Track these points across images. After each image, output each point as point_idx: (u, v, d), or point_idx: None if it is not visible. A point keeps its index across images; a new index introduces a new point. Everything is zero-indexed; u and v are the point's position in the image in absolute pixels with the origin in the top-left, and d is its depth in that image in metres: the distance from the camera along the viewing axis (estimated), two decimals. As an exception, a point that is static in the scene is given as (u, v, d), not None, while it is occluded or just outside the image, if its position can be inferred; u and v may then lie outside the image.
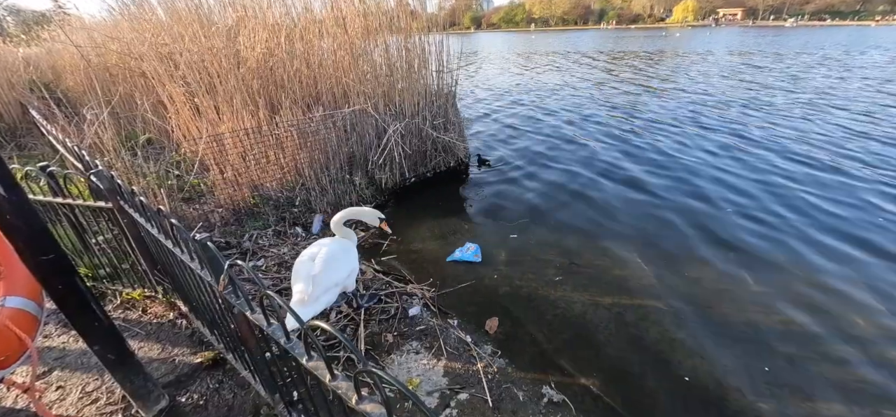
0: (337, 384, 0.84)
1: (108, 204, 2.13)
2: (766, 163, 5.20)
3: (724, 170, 5.06)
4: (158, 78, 3.79)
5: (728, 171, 5.00)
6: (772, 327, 2.58)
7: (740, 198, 4.30)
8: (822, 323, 2.60)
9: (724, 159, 5.42)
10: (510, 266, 3.28)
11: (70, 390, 2.05)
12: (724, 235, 3.61)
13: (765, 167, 5.09)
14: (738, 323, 2.61)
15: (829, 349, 2.42)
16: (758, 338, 2.49)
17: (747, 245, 3.46)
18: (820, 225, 3.73)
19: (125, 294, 2.70)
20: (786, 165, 5.13)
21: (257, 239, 3.52)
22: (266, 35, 4.07)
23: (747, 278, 3.03)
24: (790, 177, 4.75)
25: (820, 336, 2.51)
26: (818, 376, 2.25)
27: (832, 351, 2.40)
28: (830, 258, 3.25)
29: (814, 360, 2.34)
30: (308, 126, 3.85)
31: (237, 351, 1.90)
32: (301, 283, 1.87)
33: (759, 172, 4.93)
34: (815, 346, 2.44)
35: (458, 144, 4.87)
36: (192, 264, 1.35)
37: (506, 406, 2.00)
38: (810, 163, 5.19)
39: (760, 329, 2.57)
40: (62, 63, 8.24)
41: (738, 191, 4.44)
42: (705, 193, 4.43)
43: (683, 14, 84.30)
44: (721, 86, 10.85)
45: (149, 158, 4.08)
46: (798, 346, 2.43)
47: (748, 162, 5.29)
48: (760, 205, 4.14)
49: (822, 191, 4.36)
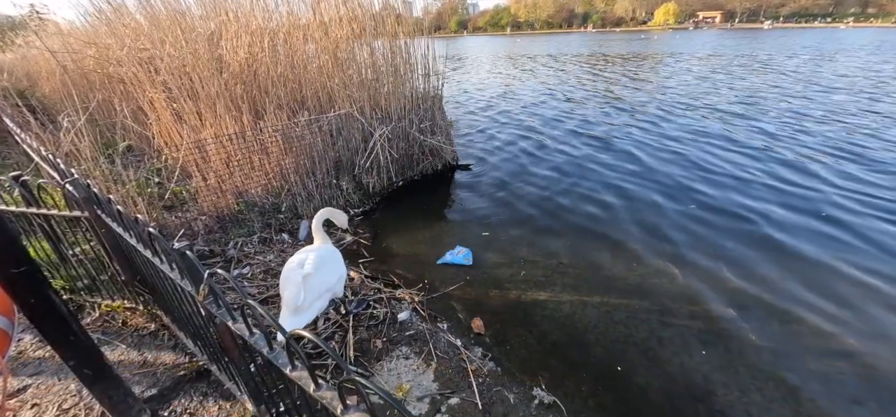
0: (322, 393, 0.82)
1: (84, 213, 2.07)
2: (745, 159, 5.33)
3: (711, 169, 5.17)
4: (138, 83, 3.70)
5: (715, 170, 5.10)
6: (756, 323, 2.63)
7: (734, 195, 4.39)
8: (808, 316, 2.66)
9: (703, 155, 5.53)
10: (499, 268, 3.28)
11: (46, 407, 1.98)
12: (710, 235, 3.67)
13: (744, 162, 5.21)
14: (724, 320, 2.66)
15: (818, 342, 2.47)
16: (743, 335, 2.53)
17: (734, 243, 3.52)
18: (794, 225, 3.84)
19: (104, 306, 2.61)
20: (768, 166, 5.26)
21: (242, 247, 3.46)
22: (249, 40, 4.01)
23: (730, 276, 3.09)
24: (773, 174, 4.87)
25: (803, 328, 2.57)
26: (806, 370, 2.29)
27: (823, 341, 2.46)
28: (804, 241, 3.34)
29: (798, 355, 2.39)
30: (293, 131, 3.80)
31: (221, 363, 1.86)
32: (292, 290, 1.84)
33: (742, 167, 5.05)
34: (802, 340, 2.49)
35: (446, 147, 4.87)
36: (172, 274, 1.31)
37: (497, 409, 1.99)
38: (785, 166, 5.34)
39: (745, 325, 2.61)
40: (37, 69, 8.01)
41: (729, 188, 4.54)
42: (691, 192, 4.51)
43: (665, 17, 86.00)
44: (688, 88, 11.15)
45: (128, 166, 3.97)
46: (784, 342, 2.48)
47: (730, 158, 5.41)
48: (747, 204, 4.23)
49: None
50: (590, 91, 11.28)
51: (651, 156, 5.64)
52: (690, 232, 3.69)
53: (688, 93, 10.34)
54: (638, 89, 11.18)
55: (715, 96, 9.77)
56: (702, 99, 9.50)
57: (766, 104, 8.66)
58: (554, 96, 10.70)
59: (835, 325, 2.58)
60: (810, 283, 2.96)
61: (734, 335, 2.53)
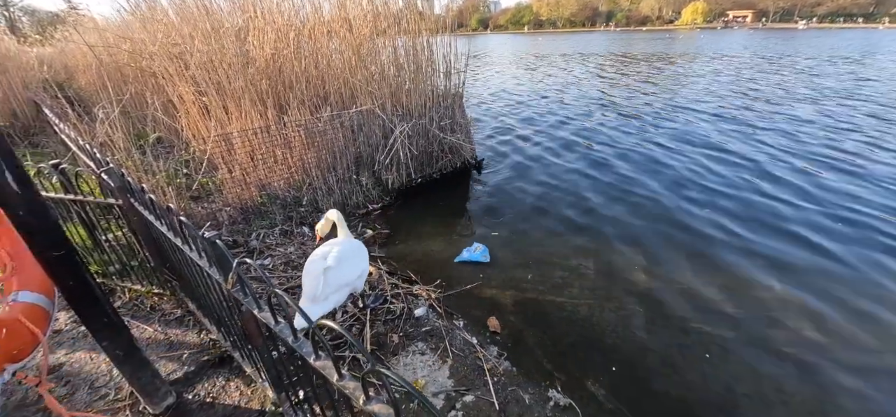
0: (344, 383, 0.83)
1: (118, 201, 2.16)
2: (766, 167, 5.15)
3: (734, 175, 5.01)
4: (169, 77, 3.83)
5: (740, 177, 4.95)
6: (784, 335, 2.54)
7: (762, 199, 4.25)
8: (841, 330, 2.55)
9: (731, 165, 5.37)
10: (516, 268, 3.26)
11: (79, 385, 2.07)
12: (736, 242, 3.56)
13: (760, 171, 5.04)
14: (751, 332, 2.58)
15: (843, 357, 2.38)
16: (770, 346, 2.45)
17: (760, 250, 3.41)
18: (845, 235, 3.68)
19: (134, 291, 2.72)
20: (792, 175, 5.06)
21: (264, 238, 3.54)
22: (274, 36, 4.10)
23: (761, 289, 2.99)
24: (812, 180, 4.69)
25: (835, 342, 2.47)
26: (836, 385, 2.21)
27: (847, 358, 2.36)
28: (840, 262, 3.20)
29: (829, 370, 2.30)
30: (315, 126, 3.87)
31: (244, 350, 1.91)
32: (312, 281, 1.87)
33: (756, 175, 4.88)
34: (835, 354, 2.40)
35: (465, 145, 4.87)
36: (201, 262, 1.35)
37: (512, 409, 1.98)
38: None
39: (773, 336, 2.53)
40: (75, 63, 8.38)
41: (756, 192, 4.40)
42: (714, 199, 4.39)
43: (692, 16, 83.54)
44: (720, 91, 10.80)
45: (158, 157, 4.12)
46: (815, 354, 2.39)
47: (748, 165, 5.23)
48: (775, 208, 4.09)
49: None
50: (611, 92, 11.08)
51: (676, 163, 5.49)
52: (716, 242, 3.57)
53: (711, 93, 10.04)
54: (660, 93, 10.90)
55: (737, 101, 9.45)
56: (727, 100, 9.21)
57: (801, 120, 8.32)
58: (575, 96, 10.56)
59: (874, 338, 2.48)
60: (848, 295, 2.84)
61: (761, 347, 2.45)
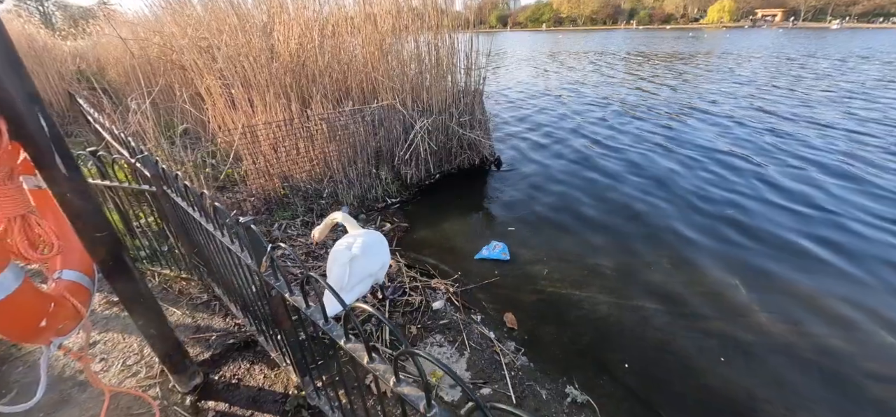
0: (375, 366, 0.86)
1: (151, 187, 2.24)
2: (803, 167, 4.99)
3: (754, 177, 4.88)
4: (198, 70, 3.94)
5: (759, 179, 4.82)
6: (810, 342, 2.48)
7: (779, 199, 4.14)
8: (865, 340, 2.48)
9: (758, 168, 5.22)
10: (533, 265, 3.26)
11: (112, 362, 2.17)
12: (760, 245, 3.48)
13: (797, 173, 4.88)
14: (773, 336, 2.52)
15: (872, 368, 2.30)
16: (794, 353, 2.39)
17: (786, 255, 3.32)
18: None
19: (163, 275, 2.83)
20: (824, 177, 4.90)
21: (286, 229, 3.62)
22: (299, 30, 4.17)
23: (786, 288, 2.92)
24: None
25: (859, 352, 2.39)
26: (862, 396, 2.14)
27: (866, 360, 2.29)
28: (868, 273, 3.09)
29: (855, 379, 2.24)
30: (338, 120, 3.93)
31: (268, 334, 1.97)
32: (338, 270, 1.91)
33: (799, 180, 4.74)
34: (851, 363, 2.33)
35: (484, 142, 4.87)
36: (233, 246, 1.40)
37: (529, 403, 1.99)
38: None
39: (798, 343, 2.47)
40: (106, 56, 8.68)
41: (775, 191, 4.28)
42: (739, 201, 4.28)
43: (719, 14, 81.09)
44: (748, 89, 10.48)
45: (186, 147, 4.25)
46: (842, 363, 2.32)
47: (790, 172, 5.08)
48: (796, 214, 3.97)
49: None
50: (632, 92, 10.88)
51: (698, 165, 5.36)
52: (739, 245, 3.49)
53: (732, 95, 9.77)
54: (680, 93, 10.65)
55: (762, 102, 9.17)
56: (750, 101, 8.95)
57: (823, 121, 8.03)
58: (594, 96, 10.41)
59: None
60: (878, 304, 2.75)
61: (785, 353, 2.40)
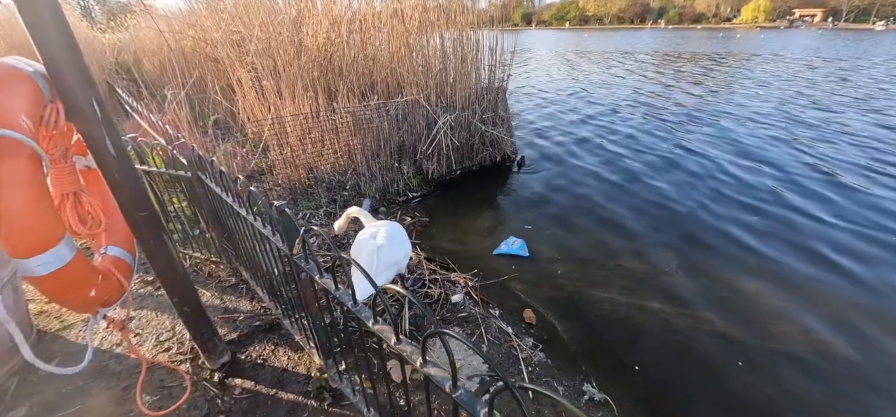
0: (401, 347, 0.89)
1: (187, 173, 2.35)
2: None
3: (782, 181, 4.71)
4: (230, 62, 4.08)
5: (786, 183, 4.65)
6: (841, 355, 2.39)
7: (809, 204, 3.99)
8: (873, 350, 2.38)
9: (792, 170, 5.04)
10: (553, 262, 3.25)
11: (146, 337, 2.29)
12: (783, 254, 3.37)
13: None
14: (799, 346, 2.45)
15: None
16: (823, 365, 2.32)
17: (820, 267, 3.21)
18: None
19: (194, 257, 2.95)
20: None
21: (310, 219, 3.72)
22: (328, 25, 4.26)
23: (818, 299, 2.82)
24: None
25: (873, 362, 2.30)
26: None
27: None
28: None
29: (884, 392, 2.15)
30: (363, 113, 4.00)
31: (294, 317, 2.04)
32: (365, 258, 1.96)
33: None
34: (884, 382, 2.24)
35: (506, 139, 4.87)
36: (265, 230, 1.47)
37: (545, 399, 2.00)
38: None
39: (828, 354, 2.39)
40: (142, 48, 9.05)
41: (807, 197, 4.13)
42: (770, 208, 4.15)
43: (753, 14, 77.93)
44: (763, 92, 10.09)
45: (216, 137, 4.41)
46: (873, 375, 2.24)
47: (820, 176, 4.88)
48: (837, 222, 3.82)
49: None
50: (656, 91, 10.63)
51: (726, 171, 5.20)
52: (767, 255, 3.38)
53: (765, 98, 9.41)
54: (710, 95, 10.34)
55: (792, 105, 8.81)
56: (783, 107, 8.61)
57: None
58: (619, 96, 10.22)
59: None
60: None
61: (811, 361, 2.33)
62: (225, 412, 1.79)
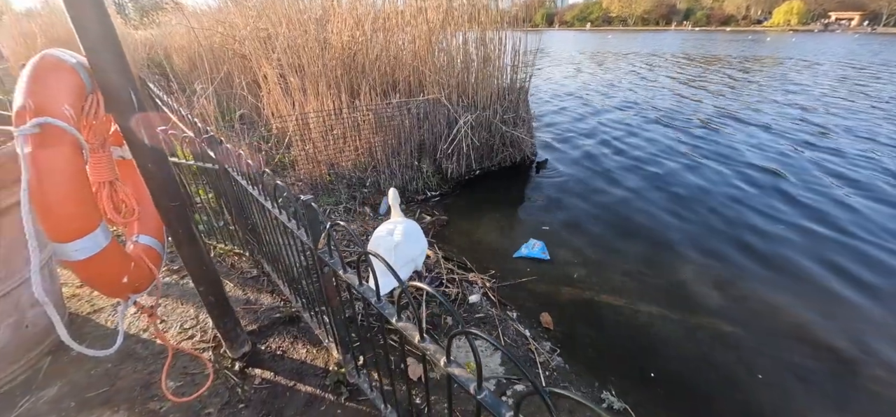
0: (425, 345, 0.89)
1: (214, 165, 2.40)
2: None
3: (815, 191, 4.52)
4: (257, 59, 4.17)
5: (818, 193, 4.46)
6: (877, 373, 2.28)
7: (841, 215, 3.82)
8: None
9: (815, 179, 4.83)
10: (572, 267, 3.20)
11: (171, 325, 2.35)
12: (806, 267, 3.23)
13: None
14: (828, 360, 2.34)
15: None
16: (856, 384, 2.22)
17: (837, 280, 3.07)
18: None
19: (218, 249, 3.03)
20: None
21: (330, 214, 3.76)
22: (352, 23, 4.31)
23: (853, 317, 2.70)
24: None
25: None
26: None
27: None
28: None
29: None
30: (384, 111, 4.03)
31: (313, 311, 2.07)
32: (383, 255, 1.97)
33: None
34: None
35: (526, 140, 4.83)
36: (289, 224, 1.49)
37: (563, 404, 1.97)
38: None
39: (861, 372, 2.28)
40: (172, 44, 9.35)
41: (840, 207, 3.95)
42: (798, 220, 3.99)
43: (786, 16, 75.06)
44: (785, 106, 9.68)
45: (242, 131, 4.51)
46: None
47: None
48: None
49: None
50: (680, 97, 10.35)
51: (754, 179, 5.02)
52: (797, 265, 3.25)
53: (794, 105, 9.06)
54: (738, 101, 10.01)
55: (796, 120, 8.44)
56: (803, 119, 8.27)
57: None
58: (641, 98, 10.01)
59: None
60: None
61: (835, 377, 2.23)
62: (245, 401, 1.82)
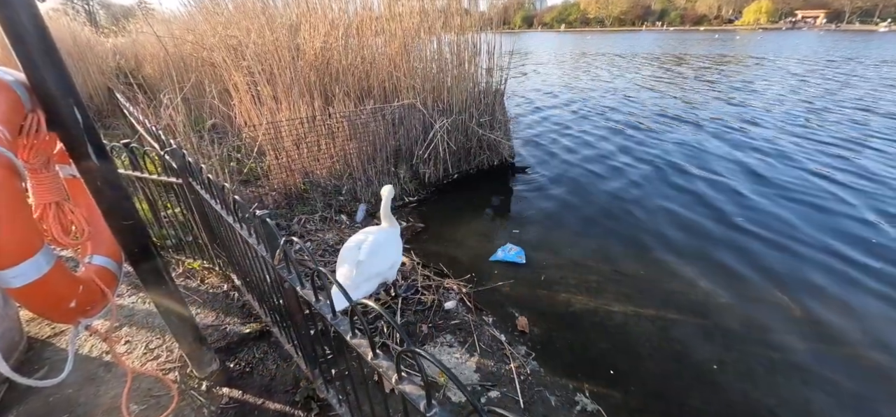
0: (378, 362, 0.87)
1: (177, 180, 2.33)
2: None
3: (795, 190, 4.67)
4: (226, 67, 4.07)
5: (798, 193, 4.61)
6: (842, 365, 2.36)
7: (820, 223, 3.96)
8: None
9: (787, 177, 5.00)
10: (548, 269, 3.22)
11: (136, 345, 2.27)
12: (778, 262, 3.34)
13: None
14: (799, 354, 2.41)
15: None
16: (822, 373, 2.28)
17: (818, 275, 3.18)
18: None
19: (187, 264, 2.94)
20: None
21: (305, 224, 3.70)
22: (326, 30, 4.26)
23: (813, 309, 2.79)
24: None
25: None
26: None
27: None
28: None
29: (885, 402, 2.12)
30: (359, 118, 3.99)
31: (282, 325, 2.02)
32: (345, 269, 1.95)
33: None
34: (881, 384, 2.20)
35: (504, 143, 4.85)
36: (250, 239, 1.45)
37: (537, 409, 1.97)
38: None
39: (828, 364, 2.35)
40: (143, 52, 9.09)
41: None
42: (766, 218, 4.12)
43: (755, 15, 77.73)
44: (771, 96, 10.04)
45: (213, 141, 4.40)
46: (865, 381, 2.21)
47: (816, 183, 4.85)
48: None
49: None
50: (656, 96, 10.59)
51: (724, 175, 5.17)
52: (766, 261, 3.35)
53: (765, 101, 9.38)
54: (718, 97, 10.30)
55: (786, 105, 8.76)
56: (773, 110, 8.58)
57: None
58: (617, 99, 10.21)
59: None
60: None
61: (811, 371, 2.29)
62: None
